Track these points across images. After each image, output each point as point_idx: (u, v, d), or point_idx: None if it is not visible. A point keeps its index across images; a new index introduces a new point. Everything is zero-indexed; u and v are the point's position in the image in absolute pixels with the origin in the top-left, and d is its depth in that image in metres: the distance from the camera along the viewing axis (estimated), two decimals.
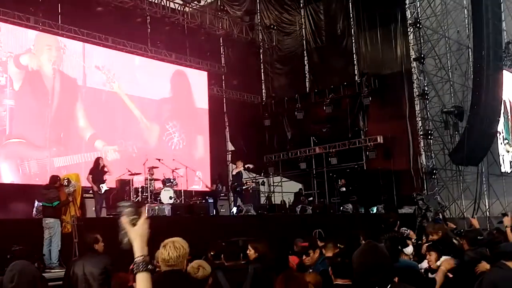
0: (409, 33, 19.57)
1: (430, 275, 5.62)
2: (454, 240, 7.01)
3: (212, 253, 6.34)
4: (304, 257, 5.44)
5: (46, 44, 16.14)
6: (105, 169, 13.15)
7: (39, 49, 15.92)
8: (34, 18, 15.85)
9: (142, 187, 14.25)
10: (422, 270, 5.90)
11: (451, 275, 5.32)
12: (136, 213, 2.49)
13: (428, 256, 5.91)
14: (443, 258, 5.68)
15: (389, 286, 2.89)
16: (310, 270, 5.72)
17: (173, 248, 3.81)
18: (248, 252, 5.99)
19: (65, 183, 9.87)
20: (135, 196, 14.10)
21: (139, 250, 2.43)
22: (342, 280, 3.99)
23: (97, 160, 13.26)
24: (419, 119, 19.44)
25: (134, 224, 2.46)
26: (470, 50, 20.13)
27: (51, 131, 15.79)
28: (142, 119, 18.18)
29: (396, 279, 3.76)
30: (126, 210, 2.48)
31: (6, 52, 15.03)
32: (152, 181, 14.43)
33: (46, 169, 14.82)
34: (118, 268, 5.65)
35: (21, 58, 15.40)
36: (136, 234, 2.45)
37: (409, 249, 5.89)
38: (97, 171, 12.98)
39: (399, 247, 5.75)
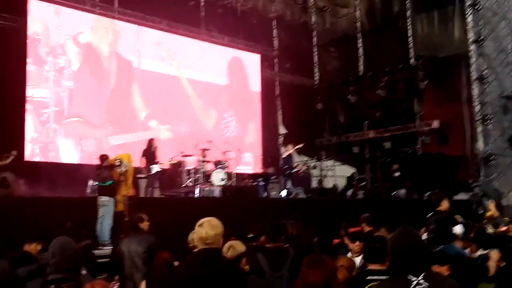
0: (467, 14, 18.90)
1: None
2: (490, 230, 6.84)
3: (250, 235, 6.41)
4: (357, 242, 5.36)
5: (103, 27, 16.53)
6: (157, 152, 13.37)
7: (96, 32, 16.33)
8: (91, 1, 16.26)
9: (194, 168, 14.51)
10: None
11: (502, 264, 5.25)
12: None
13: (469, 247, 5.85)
14: (481, 251, 5.61)
15: (423, 274, 2.84)
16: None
17: (210, 227, 3.83)
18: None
19: (117, 163, 10.15)
20: (187, 177, 14.40)
21: None
22: (374, 265, 3.96)
23: (150, 141, 13.53)
24: (477, 103, 18.82)
25: None
26: None
27: (107, 111, 16.26)
28: (195, 101, 18.40)
29: (446, 267, 3.71)
30: None
31: (64, 35, 15.50)
32: (204, 163, 14.67)
33: (103, 147, 15.24)
34: (162, 247, 5.79)
35: (80, 37, 15.82)
36: None
37: (458, 229, 5.69)
38: (150, 152, 13.26)
39: (450, 228, 5.60)
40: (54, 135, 14.96)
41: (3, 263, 5.28)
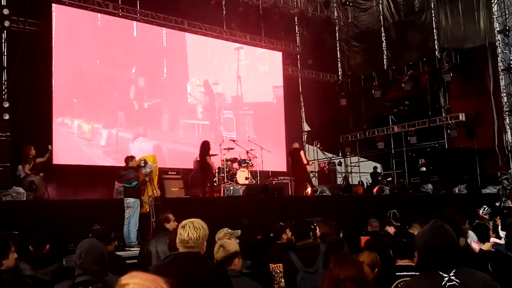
0: (493, 4, 18.56)
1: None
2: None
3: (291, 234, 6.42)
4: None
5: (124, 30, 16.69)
6: None
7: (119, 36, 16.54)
8: (113, 4, 16.36)
9: (219, 167, 14.52)
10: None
11: None
12: None
13: None
14: None
15: (454, 269, 2.77)
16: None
17: (192, 229, 3.59)
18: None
19: (142, 164, 10.16)
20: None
21: None
22: (403, 261, 3.90)
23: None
24: (505, 94, 18.53)
25: None
26: None
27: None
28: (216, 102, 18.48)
29: None
30: None
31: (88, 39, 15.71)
32: (229, 162, 14.67)
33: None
34: None
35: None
36: None
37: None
38: None
39: None
40: (81, 138, 15.15)
41: (24, 266, 5.33)
